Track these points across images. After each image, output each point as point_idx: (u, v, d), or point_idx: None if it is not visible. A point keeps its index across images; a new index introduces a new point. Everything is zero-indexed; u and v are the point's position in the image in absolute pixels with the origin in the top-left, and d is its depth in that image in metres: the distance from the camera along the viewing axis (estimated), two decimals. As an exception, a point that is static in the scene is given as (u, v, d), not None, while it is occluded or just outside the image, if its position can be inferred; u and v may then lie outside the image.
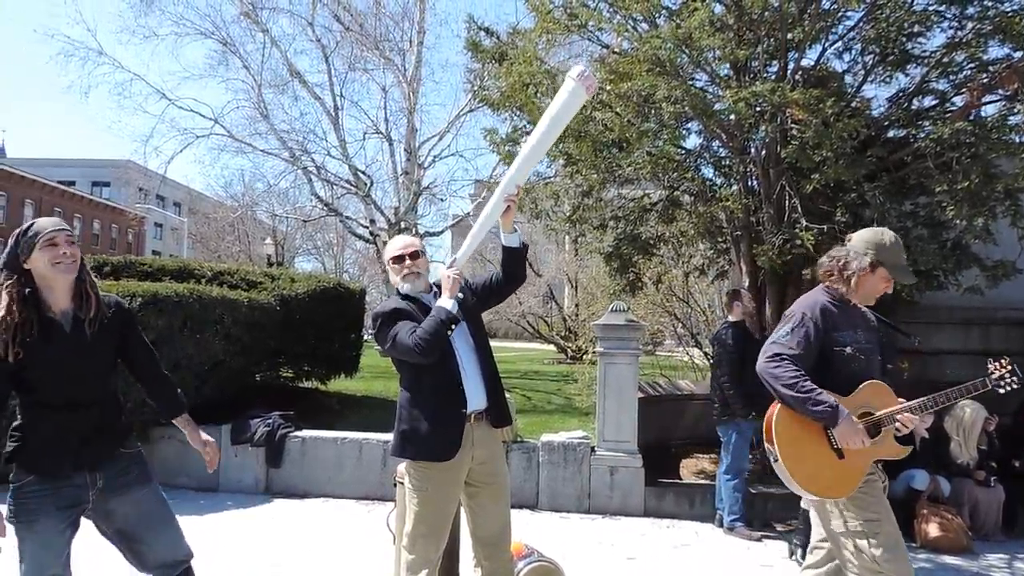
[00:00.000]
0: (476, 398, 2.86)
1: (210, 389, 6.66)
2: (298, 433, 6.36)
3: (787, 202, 5.77)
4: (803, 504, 4.75)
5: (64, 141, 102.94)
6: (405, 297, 2.98)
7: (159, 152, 32.97)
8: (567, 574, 3.72)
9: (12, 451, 2.43)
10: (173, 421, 2.79)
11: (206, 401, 6.66)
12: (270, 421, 6.36)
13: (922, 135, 5.53)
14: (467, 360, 2.88)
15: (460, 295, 2.86)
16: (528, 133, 6.95)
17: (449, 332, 2.75)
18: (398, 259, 2.97)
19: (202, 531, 5.09)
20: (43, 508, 2.40)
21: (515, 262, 2.97)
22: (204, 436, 2.78)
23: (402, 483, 4.06)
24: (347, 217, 19.09)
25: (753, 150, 6.20)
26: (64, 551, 2.46)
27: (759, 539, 5.18)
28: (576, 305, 23.20)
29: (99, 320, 2.51)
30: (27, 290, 2.40)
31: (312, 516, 5.57)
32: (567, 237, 12.98)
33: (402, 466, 4.21)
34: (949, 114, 5.50)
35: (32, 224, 2.44)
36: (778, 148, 5.69)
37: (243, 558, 4.52)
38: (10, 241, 2.44)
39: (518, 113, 6.98)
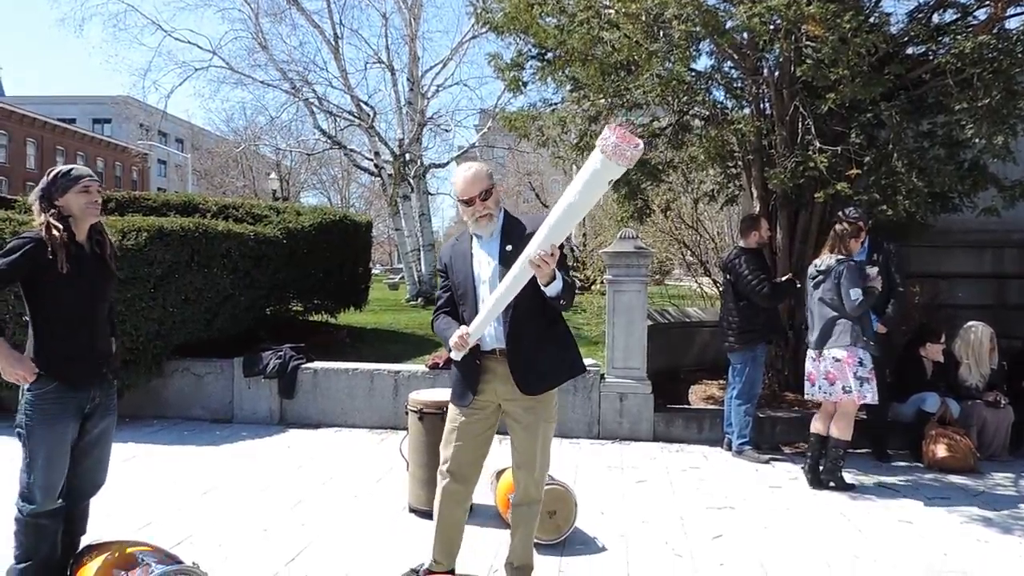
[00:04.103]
0: (492, 340, 2.83)
1: (221, 322, 6.69)
2: (310, 365, 6.41)
3: (800, 124, 5.63)
4: (813, 428, 4.80)
5: (62, 77, 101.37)
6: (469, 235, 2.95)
7: (158, 86, 32.57)
8: (578, 497, 3.78)
9: (46, 365, 2.70)
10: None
11: (218, 334, 6.72)
12: (281, 353, 6.41)
13: (942, 51, 5.33)
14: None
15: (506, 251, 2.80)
16: (534, 57, 6.76)
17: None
18: (468, 202, 2.80)
19: (220, 460, 5.20)
20: (62, 413, 2.73)
21: (554, 303, 2.73)
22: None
23: (415, 411, 4.12)
24: (351, 150, 18.83)
25: (766, 70, 6.02)
26: (68, 457, 2.78)
27: (767, 461, 5.24)
28: (584, 235, 23.08)
29: (115, 256, 2.96)
30: (66, 218, 2.75)
31: (326, 445, 5.67)
32: (574, 165, 12.79)
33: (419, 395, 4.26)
34: (971, 28, 5.29)
35: (72, 169, 2.82)
36: (792, 67, 5.51)
37: (264, 488, 4.61)
38: (46, 178, 2.80)
39: (522, 36, 6.76)
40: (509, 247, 2.78)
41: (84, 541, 3.00)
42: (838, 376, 4.60)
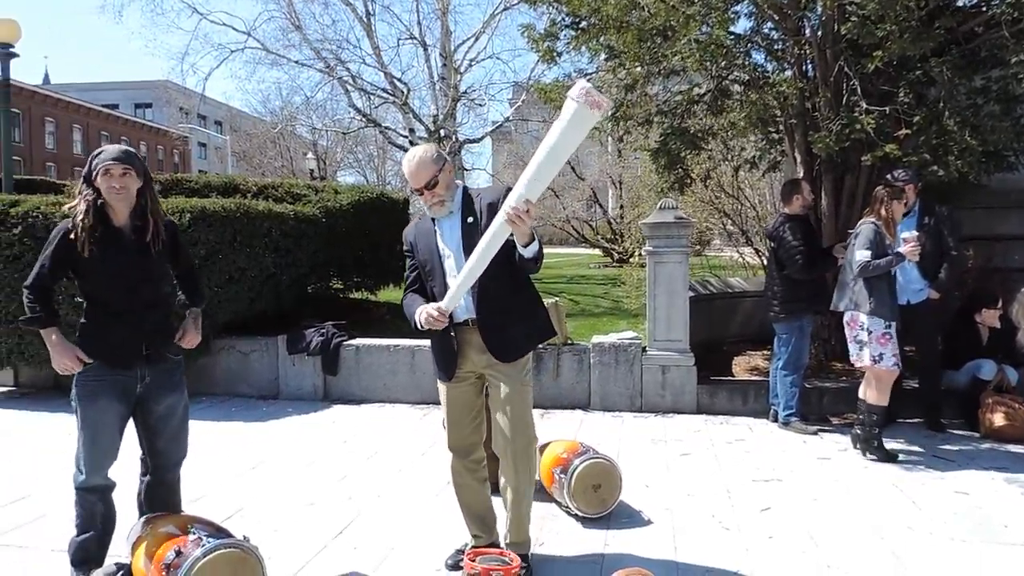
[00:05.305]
0: (463, 312, 2.86)
1: (265, 301, 6.79)
2: (352, 342, 6.47)
3: (845, 85, 5.44)
4: (860, 394, 4.69)
5: (104, 64, 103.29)
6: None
7: (196, 69, 33.02)
8: (622, 471, 3.75)
9: (86, 346, 2.76)
10: (190, 309, 3.10)
11: (261, 313, 6.82)
12: (324, 331, 6.48)
13: (996, 1, 5.08)
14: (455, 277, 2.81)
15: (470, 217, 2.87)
16: (568, 27, 6.63)
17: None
18: (418, 191, 2.88)
19: (267, 435, 5.30)
20: (104, 390, 2.78)
21: (528, 264, 2.75)
22: (192, 336, 3.02)
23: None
24: (386, 128, 18.86)
25: (808, 30, 5.82)
26: (116, 436, 2.85)
27: (815, 433, 5.14)
28: (621, 207, 22.86)
29: (159, 239, 2.85)
30: (99, 201, 2.72)
31: (370, 421, 5.74)
32: (610, 137, 12.62)
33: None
34: (1029, -26, 5.02)
35: (102, 151, 2.76)
36: (836, 25, 5.31)
37: (310, 463, 4.69)
38: (89, 159, 2.77)
39: (555, 5, 6.64)
40: (470, 219, 2.85)
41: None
42: (850, 339, 4.62)
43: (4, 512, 3.76)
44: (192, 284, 3.13)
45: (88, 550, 2.87)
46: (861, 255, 4.47)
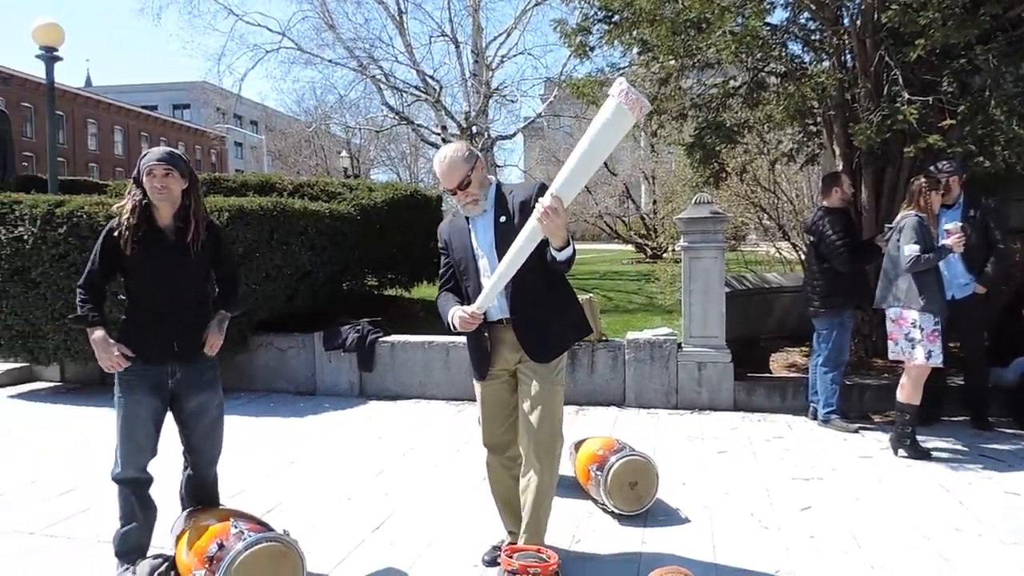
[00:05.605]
0: (497, 311, 2.85)
1: (301, 299, 6.86)
2: (387, 338, 6.52)
3: (886, 74, 5.32)
4: (898, 393, 4.58)
5: (145, 66, 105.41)
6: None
7: (232, 70, 33.54)
8: (659, 468, 3.72)
9: (124, 343, 2.85)
10: (219, 311, 3.08)
11: (298, 310, 6.90)
12: (359, 327, 6.54)
13: (1046, -14, 4.92)
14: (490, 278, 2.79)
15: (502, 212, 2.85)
16: (600, 21, 6.59)
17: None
18: (451, 192, 2.84)
19: (305, 431, 5.36)
20: (139, 383, 2.88)
21: (560, 266, 2.70)
22: (215, 338, 3.01)
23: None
24: (419, 125, 18.94)
25: (847, 19, 5.71)
26: (151, 430, 2.91)
27: (856, 431, 5.04)
28: (654, 202, 22.69)
29: (198, 241, 2.90)
30: (144, 202, 2.81)
31: (405, 417, 5.77)
32: (643, 132, 12.51)
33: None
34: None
35: (148, 152, 2.84)
36: (876, 14, 5.19)
37: (347, 458, 4.73)
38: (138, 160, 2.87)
39: (587, 0, 6.59)
40: (503, 218, 2.82)
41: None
42: (896, 336, 4.49)
43: (52, 504, 3.87)
44: (230, 288, 3.13)
45: (131, 541, 2.94)
46: (910, 249, 4.34)
